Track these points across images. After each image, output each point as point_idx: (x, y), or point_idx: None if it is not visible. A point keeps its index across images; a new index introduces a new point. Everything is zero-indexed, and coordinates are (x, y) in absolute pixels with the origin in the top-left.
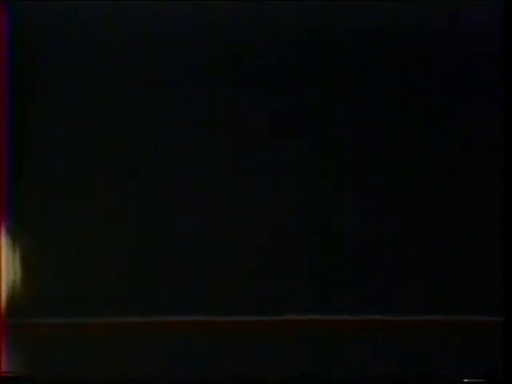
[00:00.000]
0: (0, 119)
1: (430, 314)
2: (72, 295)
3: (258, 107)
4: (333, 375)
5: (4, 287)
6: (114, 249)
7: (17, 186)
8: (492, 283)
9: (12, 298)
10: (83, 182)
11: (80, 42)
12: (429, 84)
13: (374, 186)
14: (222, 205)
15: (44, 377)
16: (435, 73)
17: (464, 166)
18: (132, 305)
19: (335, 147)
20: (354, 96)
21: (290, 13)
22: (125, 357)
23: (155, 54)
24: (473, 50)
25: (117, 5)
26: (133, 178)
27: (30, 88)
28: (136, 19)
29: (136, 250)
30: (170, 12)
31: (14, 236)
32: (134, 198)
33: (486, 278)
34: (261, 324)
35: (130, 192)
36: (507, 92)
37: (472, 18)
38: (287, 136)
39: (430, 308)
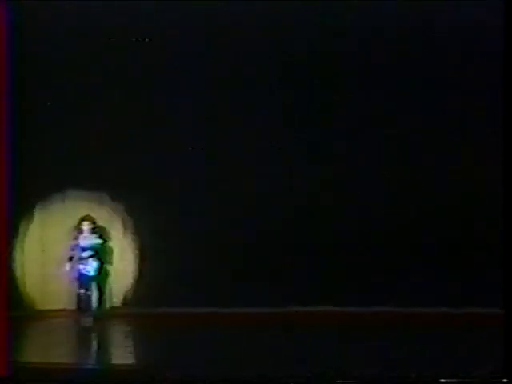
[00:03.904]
0: (0, 118)
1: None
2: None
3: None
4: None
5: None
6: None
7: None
8: (492, 278)
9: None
10: (84, 181)
11: (79, 41)
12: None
13: (375, 183)
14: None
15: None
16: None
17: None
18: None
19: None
20: None
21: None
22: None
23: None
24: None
25: (117, 4)
26: (133, 175)
27: (30, 86)
28: (136, 18)
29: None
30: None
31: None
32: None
33: (486, 272)
34: None
35: (130, 192)
36: (507, 92)
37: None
38: None
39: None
